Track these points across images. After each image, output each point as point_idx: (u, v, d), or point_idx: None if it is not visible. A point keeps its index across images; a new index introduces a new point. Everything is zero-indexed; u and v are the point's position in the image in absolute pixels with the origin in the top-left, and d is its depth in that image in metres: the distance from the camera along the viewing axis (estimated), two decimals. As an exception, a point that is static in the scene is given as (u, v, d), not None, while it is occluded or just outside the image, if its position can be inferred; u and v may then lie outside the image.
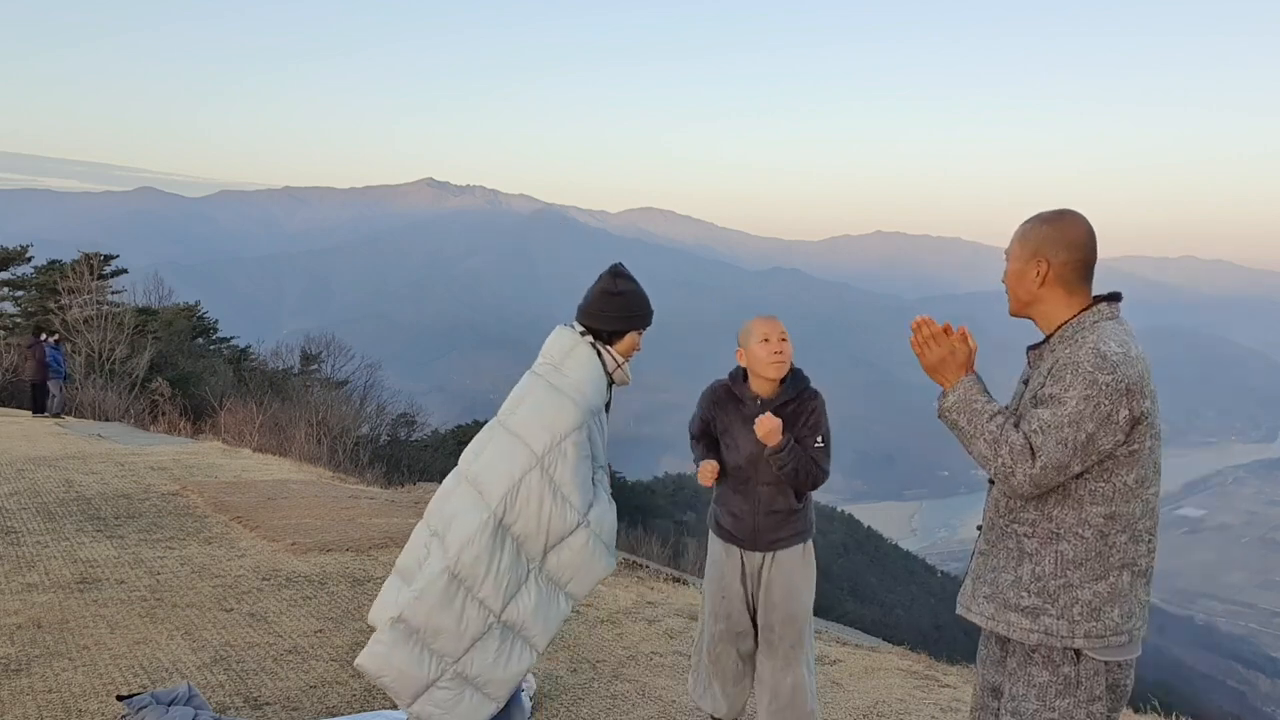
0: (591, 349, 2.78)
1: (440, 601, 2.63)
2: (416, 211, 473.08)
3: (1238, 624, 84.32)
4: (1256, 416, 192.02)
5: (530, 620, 2.72)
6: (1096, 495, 2.02)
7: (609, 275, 2.86)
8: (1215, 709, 39.49)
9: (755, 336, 3.21)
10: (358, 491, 9.46)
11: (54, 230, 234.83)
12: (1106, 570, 2.03)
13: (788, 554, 3.33)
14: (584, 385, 2.71)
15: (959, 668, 5.03)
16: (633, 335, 2.85)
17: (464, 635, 2.64)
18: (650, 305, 2.91)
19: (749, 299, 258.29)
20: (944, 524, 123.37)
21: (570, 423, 2.66)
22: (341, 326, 59.28)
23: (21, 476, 9.07)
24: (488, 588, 2.64)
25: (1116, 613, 2.04)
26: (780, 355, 3.17)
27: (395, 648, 2.64)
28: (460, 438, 29.14)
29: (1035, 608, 2.07)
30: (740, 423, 3.26)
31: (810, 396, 3.25)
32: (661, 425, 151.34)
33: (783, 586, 3.31)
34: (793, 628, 3.31)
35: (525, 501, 2.63)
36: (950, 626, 31.38)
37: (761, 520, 3.30)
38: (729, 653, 3.41)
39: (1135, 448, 2.01)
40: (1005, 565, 2.14)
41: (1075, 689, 2.05)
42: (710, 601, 3.42)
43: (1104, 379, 1.96)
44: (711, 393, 3.40)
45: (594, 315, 2.81)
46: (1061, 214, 2.17)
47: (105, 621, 4.64)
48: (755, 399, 3.24)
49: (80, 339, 24.07)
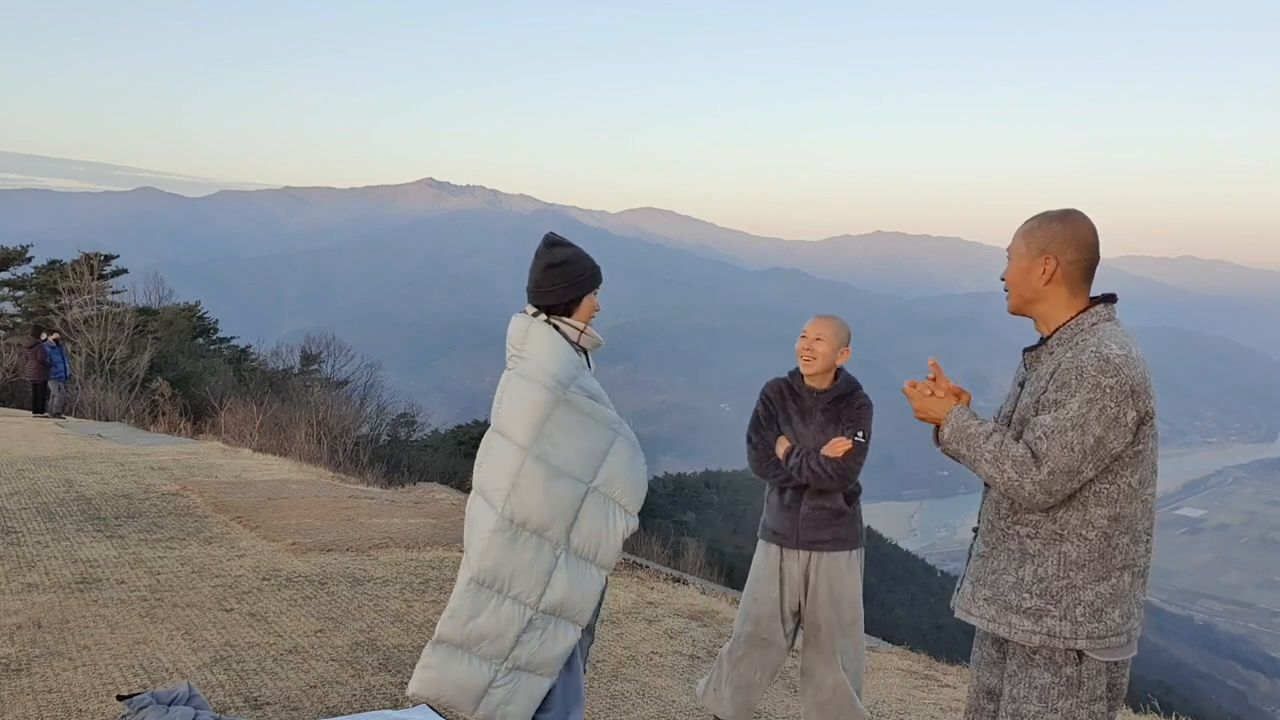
0: (545, 326, 2.74)
1: (473, 612, 2.64)
2: (416, 211, 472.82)
3: (1237, 624, 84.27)
4: (1256, 416, 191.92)
5: (567, 602, 2.73)
6: (1101, 497, 2.03)
7: (545, 248, 2.79)
8: (1215, 709, 39.46)
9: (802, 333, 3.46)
10: (358, 491, 9.46)
11: (54, 230, 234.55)
12: (1109, 571, 2.04)
13: (831, 559, 3.40)
14: (547, 364, 2.68)
15: (959, 668, 5.04)
16: (588, 299, 2.78)
17: (507, 635, 2.66)
18: (594, 264, 2.82)
19: (749, 299, 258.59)
20: (944, 524, 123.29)
21: (543, 404, 2.64)
22: (341, 326, 59.33)
23: (22, 476, 9.07)
24: (518, 586, 2.65)
25: (1117, 613, 2.04)
26: (810, 353, 3.39)
27: (445, 667, 2.66)
28: (460, 438, 29.14)
29: (1038, 609, 2.07)
30: (797, 414, 3.45)
31: (860, 396, 3.45)
32: (662, 425, 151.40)
33: (827, 591, 3.40)
34: (834, 632, 3.40)
35: (528, 494, 2.63)
36: (950, 626, 31.36)
37: (806, 513, 3.39)
38: (749, 657, 3.46)
39: (1140, 448, 2.02)
40: (1006, 567, 2.14)
41: (1078, 689, 2.05)
42: (744, 605, 3.52)
43: (1108, 382, 1.96)
44: (770, 387, 3.57)
45: (545, 293, 2.75)
46: (1069, 213, 2.17)
47: (105, 621, 4.64)
48: (811, 391, 3.45)
49: (80, 339, 24.06)
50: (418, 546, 6.72)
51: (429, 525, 7.52)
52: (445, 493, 10.57)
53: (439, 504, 9.03)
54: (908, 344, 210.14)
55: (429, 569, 6.09)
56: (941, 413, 2.20)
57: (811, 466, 3.31)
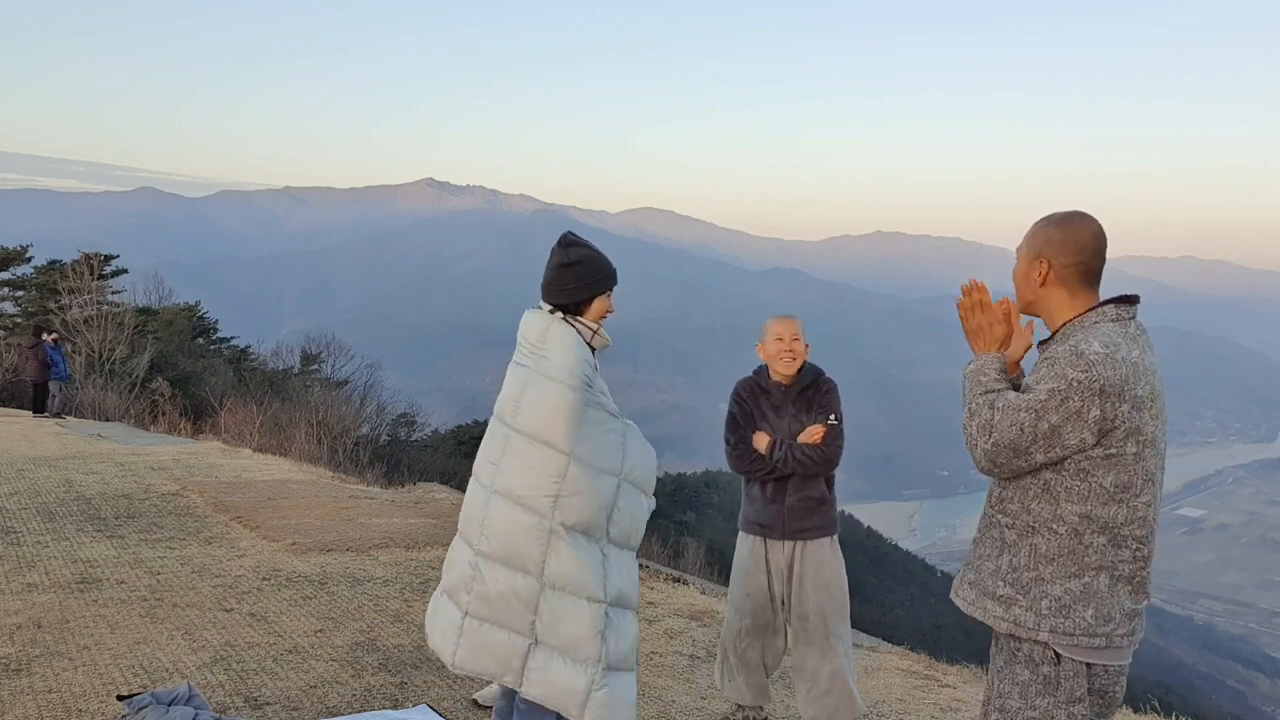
0: (566, 325, 2.75)
1: (555, 616, 2.66)
2: (416, 211, 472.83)
3: (1237, 624, 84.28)
4: (1256, 416, 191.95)
5: (624, 590, 2.78)
6: (1072, 493, 2.04)
7: (560, 248, 2.81)
8: (1215, 709, 39.45)
9: (771, 335, 3.55)
10: (358, 491, 9.46)
11: (54, 230, 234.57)
12: (1081, 570, 2.04)
13: (816, 546, 3.52)
14: (571, 364, 2.69)
15: (959, 668, 5.04)
16: (601, 300, 2.79)
17: (593, 635, 2.68)
18: (609, 266, 2.84)
19: (749, 299, 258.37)
20: (944, 524, 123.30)
21: (576, 406, 2.67)
22: (341, 326, 59.30)
23: (22, 476, 9.08)
24: (588, 586, 2.67)
25: (1090, 614, 2.03)
26: (791, 353, 3.51)
27: (548, 669, 2.67)
28: (460, 437, 29.12)
29: (1008, 597, 2.10)
30: (770, 410, 3.57)
31: (825, 381, 3.60)
32: (662, 425, 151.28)
33: (814, 579, 3.49)
34: (827, 618, 3.47)
35: (576, 497, 2.65)
36: (950, 626, 31.36)
37: (793, 504, 3.50)
38: (754, 646, 3.60)
39: (1113, 452, 2.00)
40: (989, 554, 2.18)
41: (1055, 689, 2.06)
42: (735, 599, 3.62)
43: (1074, 375, 1.97)
44: (741, 386, 3.68)
45: (557, 291, 2.77)
46: (1070, 217, 2.16)
47: (105, 621, 4.64)
48: (780, 386, 3.57)
49: (80, 339, 24.06)
50: (418, 546, 6.72)
51: (429, 525, 7.52)
52: (445, 493, 10.57)
53: (439, 504, 9.03)
54: (908, 344, 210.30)
55: (429, 569, 6.09)
56: (981, 348, 2.20)
57: (797, 455, 3.44)
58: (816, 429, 3.47)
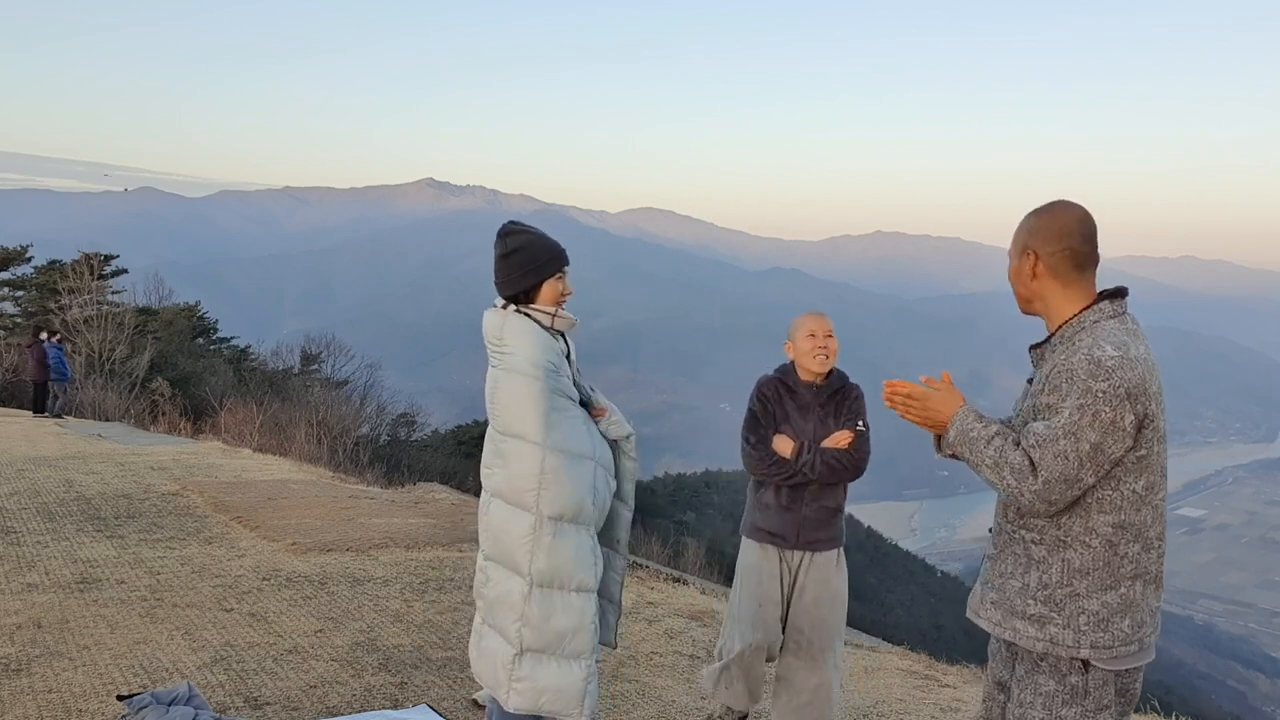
0: (520, 316, 2.74)
1: (545, 615, 2.65)
2: (416, 211, 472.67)
3: (1237, 624, 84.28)
4: (1256, 416, 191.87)
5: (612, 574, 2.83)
6: (1104, 503, 1.97)
7: (498, 239, 2.79)
8: (1215, 709, 39.46)
9: (803, 331, 3.41)
10: (358, 491, 9.46)
11: (54, 230, 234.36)
12: (1117, 581, 1.98)
13: (824, 558, 3.40)
14: (530, 353, 2.68)
15: (959, 668, 5.04)
16: (550, 283, 2.75)
17: (586, 626, 2.68)
18: (554, 248, 2.79)
19: (749, 299, 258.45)
20: (944, 524, 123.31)
21: (541, 395, 2.66)
22: (341, 326, 59.30)
23: (22, 476, 9.07)
24: (578, 576, 2.67)
25: (1127, 623, 1.99)
26: (825, 350, 3.37)
27: (535, 675, 2.66)
28: (460, 438, 29.13)
29: (1041, 616, 2.03)
30: (796, 411, 3.41)
31: (853, 387, 3.46)
32: (662, 425, 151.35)
33: (816, 593, 3.38)
34: (824, 633, 3.37)
35: (557, 486, 2.65)
36: (950, 627, 31.38)
37: (809, 514, 3.37)
38: (760, 657, 3.45)
39: (1143, 453, 1.97)
40: (1013, 571, 2.10)
41: (1083, 698, 2.01)
42: (745, 610, 3.42)
43: (1099, 386, 1.91)
44: (765, 384, 3.50)
45: (503, 283, 2.76)
46: (1050, 205, 2.14)
47: (105, 621, 4.64)
48: (809, 386, 3.42)
49: (80, 339, 24.06)
50: (418, 546, 6.72)
51: (429, 525, 7.51)
52: (445, 493, 10.58)
53: (439, 504, 9.03)
54: (908, 344, 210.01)
55: (429, 569, 6.09)
56: (945, 415, 2.15)
57: (827, 461, 3.30)
58: (844, 434, 3.33)
